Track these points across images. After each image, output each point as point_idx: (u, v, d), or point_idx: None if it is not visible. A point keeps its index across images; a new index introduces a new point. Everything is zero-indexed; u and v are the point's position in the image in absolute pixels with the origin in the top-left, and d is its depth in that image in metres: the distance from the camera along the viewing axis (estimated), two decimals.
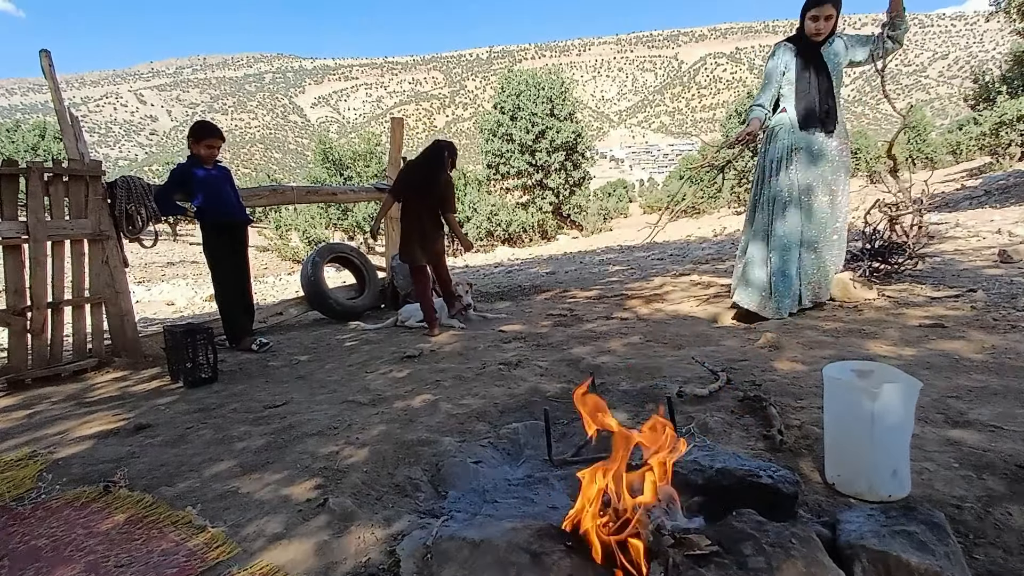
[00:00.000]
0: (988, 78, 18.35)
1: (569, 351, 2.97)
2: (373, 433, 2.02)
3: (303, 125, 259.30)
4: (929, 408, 1.81)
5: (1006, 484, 1.35)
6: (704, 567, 0.98)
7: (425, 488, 1.62)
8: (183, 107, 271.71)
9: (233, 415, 2.40)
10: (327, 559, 1.29)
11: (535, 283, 6.38)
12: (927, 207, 4.05)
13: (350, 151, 28.94)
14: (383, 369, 3.01)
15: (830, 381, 1.46)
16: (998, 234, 5.68)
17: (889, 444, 1.34)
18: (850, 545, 1.05)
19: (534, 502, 1.40)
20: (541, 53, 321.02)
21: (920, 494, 1.35)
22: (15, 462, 1.99)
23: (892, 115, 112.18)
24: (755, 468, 1.27)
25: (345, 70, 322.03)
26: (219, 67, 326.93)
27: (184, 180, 3.70)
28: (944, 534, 1.06)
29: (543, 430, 1.73)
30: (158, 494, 1.67)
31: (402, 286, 5.22)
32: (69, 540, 1.44)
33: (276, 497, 1.60)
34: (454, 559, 1.09)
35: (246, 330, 3.94)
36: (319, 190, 5.64)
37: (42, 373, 3.29)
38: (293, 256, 23.27)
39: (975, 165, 18.81)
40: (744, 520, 1.08)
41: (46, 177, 3.34)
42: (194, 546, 1.37)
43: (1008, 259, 4.28)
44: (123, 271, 3.67)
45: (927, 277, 3.93)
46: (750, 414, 1.91)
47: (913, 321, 2.92)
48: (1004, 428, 1.63)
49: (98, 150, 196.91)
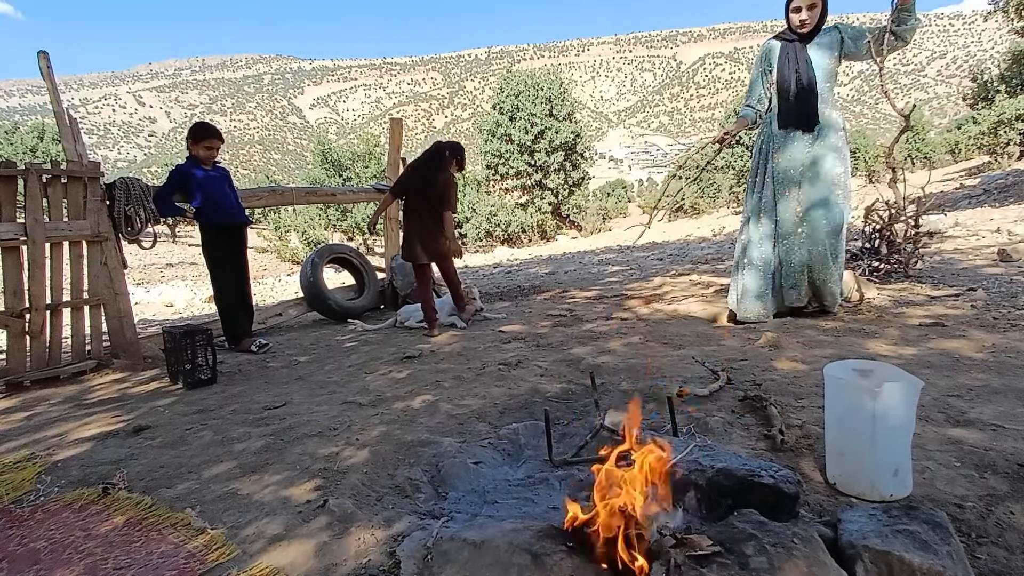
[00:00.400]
0: (987, 77, 18.37)
1: (569, 351, 2.96)
2: (373, 434, 2.02)
3: (302, 126, 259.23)
4: (930, 407, 1.80)
5: (1008, 483, 1.35)
6: (706, 567, 0.97)
7: (425, 489, 1.62)
8: (182, 108, 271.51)
9: (232, 416, 2.40)
10: (327, 560, 1.29)
11: (534, 283, 6.37)
12: (923, 210, 4.05)
13: (349, 152, 28.94)
14: (383, 370, 3.00)
15: (831, 380, 1.46)
16: (997, 233, 5.69)
17: (891, 443, 1.34)
18: (852, 545, 1.05)
19: (535, 503, 1.40)
20: (540, 53, 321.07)
21: (922, 493, 1.35)
22: (14, 464, 1.98)
23: (892, 115, 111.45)
24: (756, 468, 1.26)
25: (344, 71, 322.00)
26: (218, 68, 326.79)
27: (183, 181, 3.69)
28: (946, 533, 1.05)
29: (543, 431, 1.73)
30: (157, 496, 1.66)
31: (401, 287, 5.21)
32: (68, 542, 1.44)
33: (276, 498, 1.59)
34: (455, 560, 1.08)
35: (245, 331, 3.94)
36: (318, 191, 5.64)
37: (41, 375, 3.28)
38: (292, 257, 23.24)
39: (974, 164, 18.81)
40: (746, 520, 1.07)
41: (44, 179, 3.33)
42: (193, 548, 1.37)
43: (1007, 258, 4.28)
44: (122, 272, 3.66)
45: (927, 276, 3.93)
46: (751, 414, 1.91)
47: (913, 320, 2.92)
48: (1005, 427, 1.63)
49: (97, 152, 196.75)
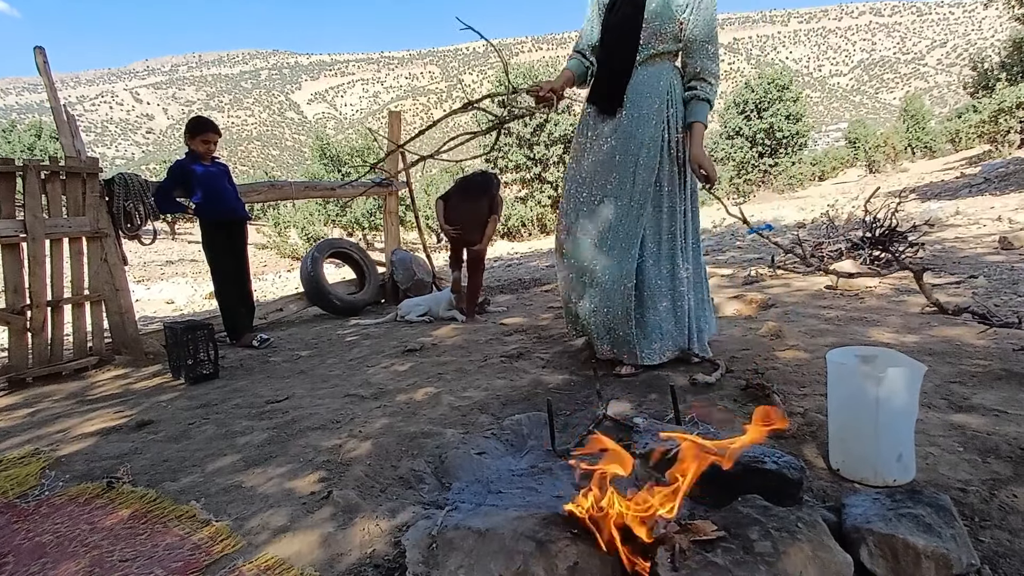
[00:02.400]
0: (987, 65, 18.26)
1: (571, 343, 2.96)
2: (376, 426, 2.02)
3: (300, 121, 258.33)
4: (932, 393, 1.81)
5: (1011, 467, 1.35)
6: (711, 552, 0.97)
7: (429, 480, 1.62)
8: (179, 105, 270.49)
9: (235, 410, 2.40)
10: (332, 551, 1.29)
11: (535, 276, 6.37)
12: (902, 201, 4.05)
13: (347, 147, 28.84)
14: (385, 363, 3.00)
15: (834, 366, 1.46)
16: (998, 221, 5.68)
17: (894, 428, 1.34)
18: (856, 529, 1.05)
19: (538, 491, 1.40)
20: (538, 46, 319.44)
21: (925, 478, 1.35)
22: (18, 460, 1.99)
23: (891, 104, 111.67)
24: (760, 455, 1.27)
25: (341, 65, 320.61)
26: (215, 64, 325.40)
27: (184, 177, 3.68)
28: (950, 516, 1.05)
29: (546, 421, 1.73)
30: (162, 489, 1.66)
31: (402, 281, 5.21)
32: (73, 536, 1.44)
33: (280, 490, 1.60)
34: (460, 548, 1.08)
35: (247, 326, 3.94)
36: (317, 185, 5.61)
37: (43, 371, 3.29)
38: (292, 253, 23.22)
39: (974, 153, 18.77)
40: (750, 505, 1.07)
41: (43, 175, 3.32)
42: (199, 540, 1.37)
43: (1008, 246, 4.28)
44: (122, 268, 3.66)
45: (928, 265, 3.92)
46: (754, 402, 1.91)
47: (915, 308, 2.92)
48: (1008, 412, 1.63)
49: (95, 149, 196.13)
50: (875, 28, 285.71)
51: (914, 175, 16.98)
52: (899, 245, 4.06)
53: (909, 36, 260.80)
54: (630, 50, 2.25)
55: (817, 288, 3.68)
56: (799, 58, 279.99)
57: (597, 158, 2.36)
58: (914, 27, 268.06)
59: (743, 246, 6.71)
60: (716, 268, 4.97)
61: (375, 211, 24.01)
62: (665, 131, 2.27)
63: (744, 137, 24.68)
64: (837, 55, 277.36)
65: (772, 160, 24.48)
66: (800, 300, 3.43)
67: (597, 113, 2.38)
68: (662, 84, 2.27)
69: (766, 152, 24.58)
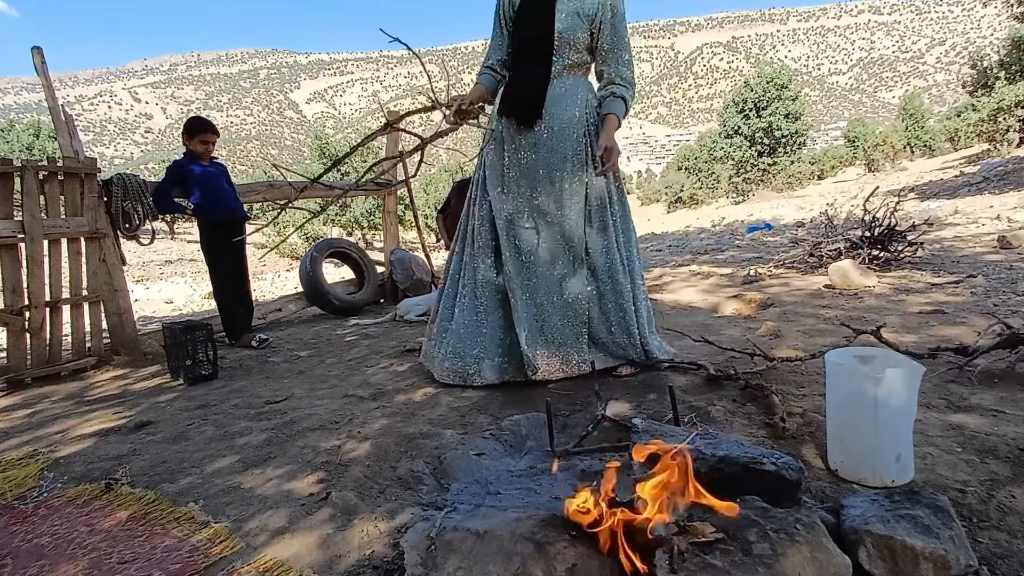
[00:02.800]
0: (986, 64, 18.28)
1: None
2: (375, 427, 2.02)
3: (299, 121, 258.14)
4: (931, 394, 1.81)
5: (1009, 467, 1.35)
6: (709, 554, 0.97)
7: (428, 481, 1.62)
8: (178, 104, 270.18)
9: (234, 411, 2.40)
10: (331, 552, 1.29)
11: None
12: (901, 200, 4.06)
13: (347, 146, 28.84)
14: (383, 363, 3.00)
15: (833, 367, 1.46)
16: (997, 220, 5.68)
17: (892, 429, 1.34)
18: (855, 530, 1.05)
19: (537, 493, 1.40)
20: None
21: (923, 479, 1.35)
22: (16, 461, 1.98)
23: (890, 103, 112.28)
24: (758, 455, 1.27)
25: (340, 65, 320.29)
26: (213, 63, 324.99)
27: (182, 177, 3.68)
28: (948, 517, 1.05)
29: (544, 422, 1.73)
30: (160, 491, 1.66)
31: (401, 280, 5.21)
32: (72, 538, 1.44)
33: (278, 492, 1.60)
34: (458, 550, 1.08)
35: (245, 327, 3.94)
36: (317, 186, 5.63)
37: (41, 372, 3.28)
38: (291, 253, 23.23)
39: (973, 152, 18.78)
40: (748, 507, 1.07)
41: (41, 175, 3.32)
42: (197, 542, 1.37)
43: (1007, 245, 4.28)
44: (121, 269, 3.65)
45: (927, 264, 3.93)
46: (752, 402, 1.91)
47: (913, 307, 2.92)
48: (1006, 412, 1.63)
49: (93, 149, 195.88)
50: (874, 26, 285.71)
51: (913, 174, 17.00)
52: (898, 244, 4.06)
53: (908, 35, 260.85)
54: (544, 61, 2.23)
55: (816, 287, 3.69)
56: (798, 57, 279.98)
57: (520, 171, 2.33)
58: (913, 25, 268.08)
59: (742, 245, 6.71)
60: (715, 267, 4.97)
61: (374, 211, 24.00)
62: (588, 145, 2.26)
63: (743, 136, 24.69)
64: (836, 53, 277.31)
65: (771, 159, 24.49)
66: (799, 299, 3.44)
67: (515, 127, 2.32)
68: (579, 98, 2.27)
69: (765, 151, 24.58)
